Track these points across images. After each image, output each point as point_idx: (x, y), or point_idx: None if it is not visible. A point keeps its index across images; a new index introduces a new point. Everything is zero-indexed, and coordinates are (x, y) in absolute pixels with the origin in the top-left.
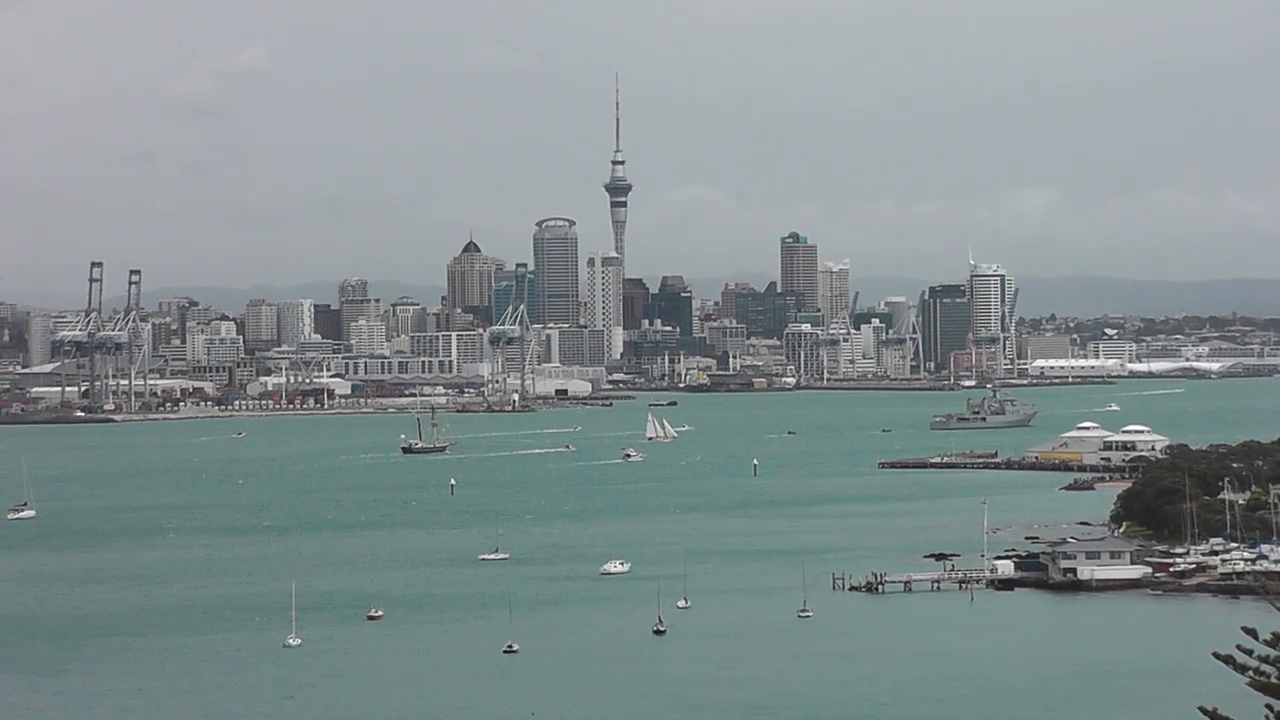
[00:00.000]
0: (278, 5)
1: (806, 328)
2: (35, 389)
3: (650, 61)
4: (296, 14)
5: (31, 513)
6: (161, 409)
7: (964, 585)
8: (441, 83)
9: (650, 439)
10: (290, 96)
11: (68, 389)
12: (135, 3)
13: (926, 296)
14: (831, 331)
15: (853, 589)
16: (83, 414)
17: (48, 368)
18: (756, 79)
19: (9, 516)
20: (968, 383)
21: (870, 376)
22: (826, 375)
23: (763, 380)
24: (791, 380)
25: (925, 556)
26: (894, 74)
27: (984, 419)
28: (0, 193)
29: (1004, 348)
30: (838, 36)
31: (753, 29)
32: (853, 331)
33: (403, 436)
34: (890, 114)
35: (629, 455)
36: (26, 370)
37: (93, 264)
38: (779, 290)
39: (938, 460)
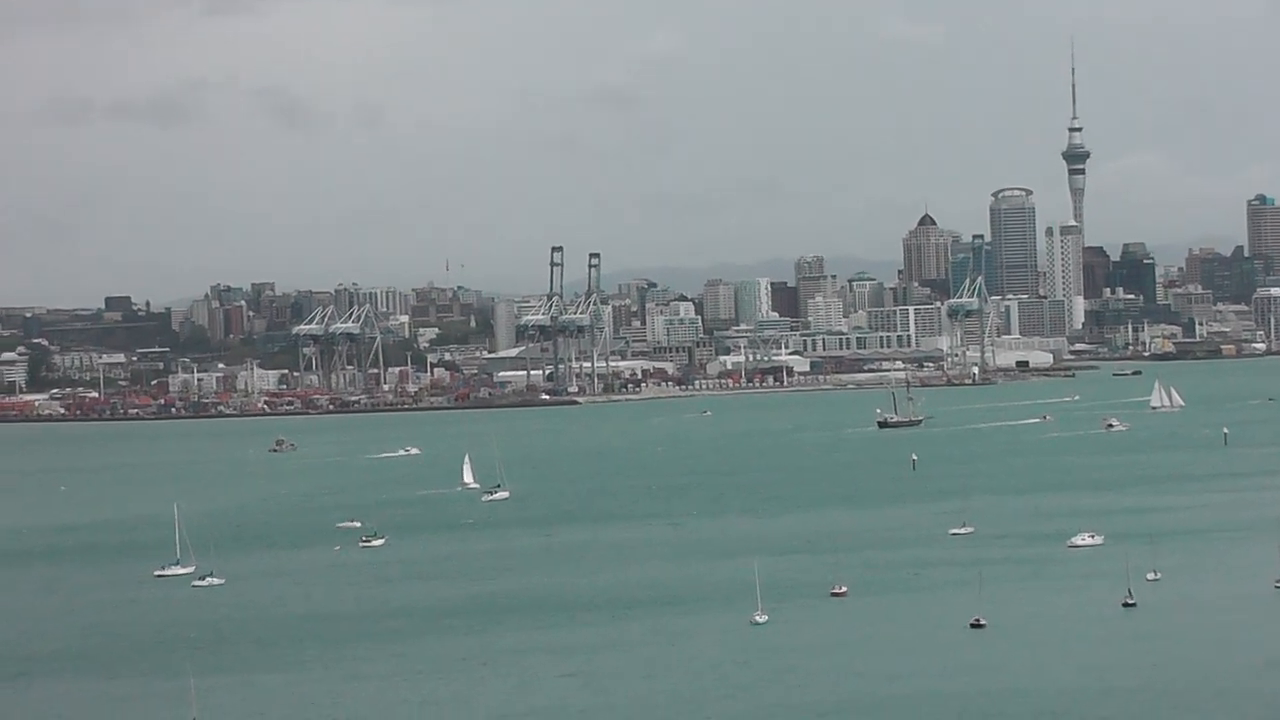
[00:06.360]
0: None
1: (1276, 292)
2: (501, 373)
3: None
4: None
5: (505, 494)
6: (624, 390)
7: None
8: (853, 58)
9: (1155, 408)
10: (702, 81)
11: (532, 372)
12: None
13: None
14: None
15: None
16: (548, 397)
17: (513, 352)
18: (1188, 38)
19: (484, 499)
20: None
21: None
22: None
23: (1230, 346)
24: (1261, 346)
25: None
26: None
27: None
28: (453, 184)
29: None
30: None
31: None
32: None
33: (878, 411)
34: None
35: (1111, 425)
36: (493, 355)
37: (553, 249)
38: (1246, 254)
39: None
